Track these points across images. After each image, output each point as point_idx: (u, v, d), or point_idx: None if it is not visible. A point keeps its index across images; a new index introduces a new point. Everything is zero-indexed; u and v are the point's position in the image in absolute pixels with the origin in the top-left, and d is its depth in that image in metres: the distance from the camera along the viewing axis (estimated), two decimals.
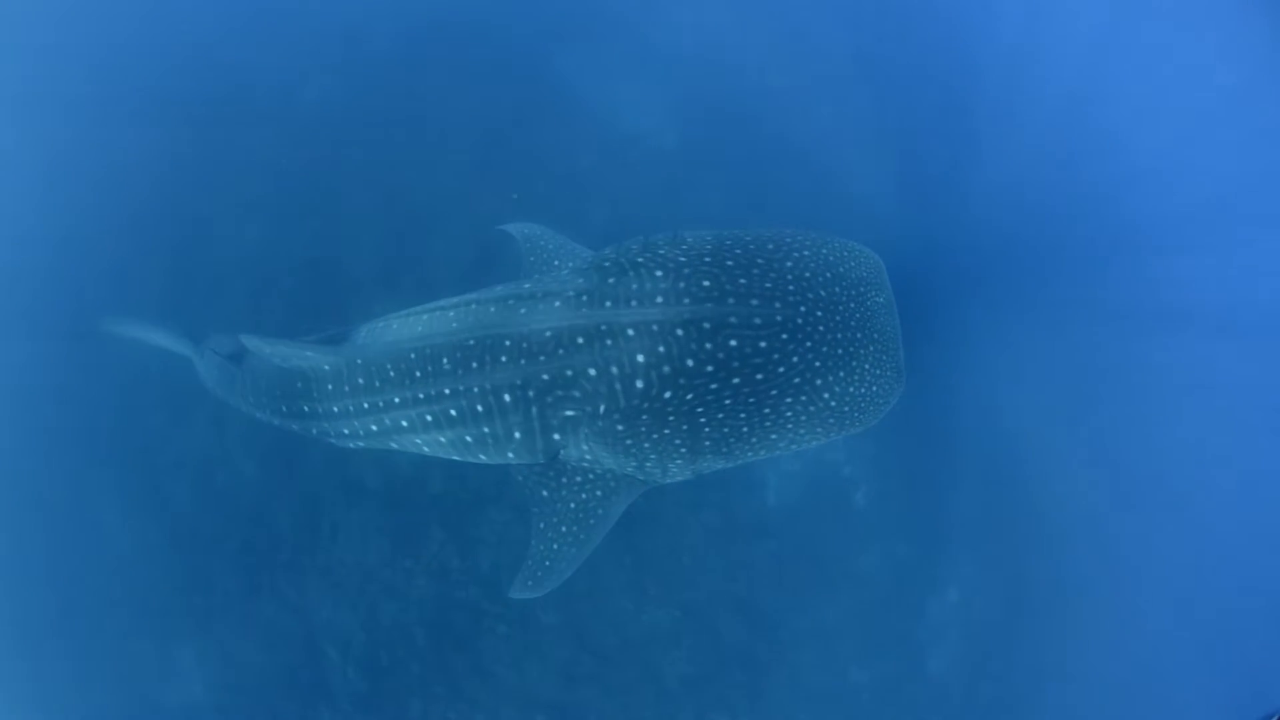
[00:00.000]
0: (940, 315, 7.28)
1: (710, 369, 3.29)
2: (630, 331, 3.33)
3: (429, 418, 3.77)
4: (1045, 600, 7.76)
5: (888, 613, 7.10)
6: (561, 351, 3.40)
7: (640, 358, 3.32)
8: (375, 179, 6.90)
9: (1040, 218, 7.54)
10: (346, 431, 4.20)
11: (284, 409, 4.42)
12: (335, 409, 4.09)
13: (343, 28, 7.18)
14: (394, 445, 4.16)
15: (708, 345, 3.28)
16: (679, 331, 3.29)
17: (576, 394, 3.43)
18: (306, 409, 4.26)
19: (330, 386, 4.04)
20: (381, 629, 6.34)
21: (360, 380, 3.90)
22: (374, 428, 4.03)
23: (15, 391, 7.15)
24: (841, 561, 6.88)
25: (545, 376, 3.44)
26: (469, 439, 3.77)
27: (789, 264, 3.49)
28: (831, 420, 3.51)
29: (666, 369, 3.31)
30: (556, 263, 4.34)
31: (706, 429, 3.41)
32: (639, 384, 3.34)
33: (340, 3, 7.51)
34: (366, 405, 3.94)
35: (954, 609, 7.42)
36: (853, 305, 3.52)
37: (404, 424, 3.88)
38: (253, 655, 6.63)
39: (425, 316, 3.81)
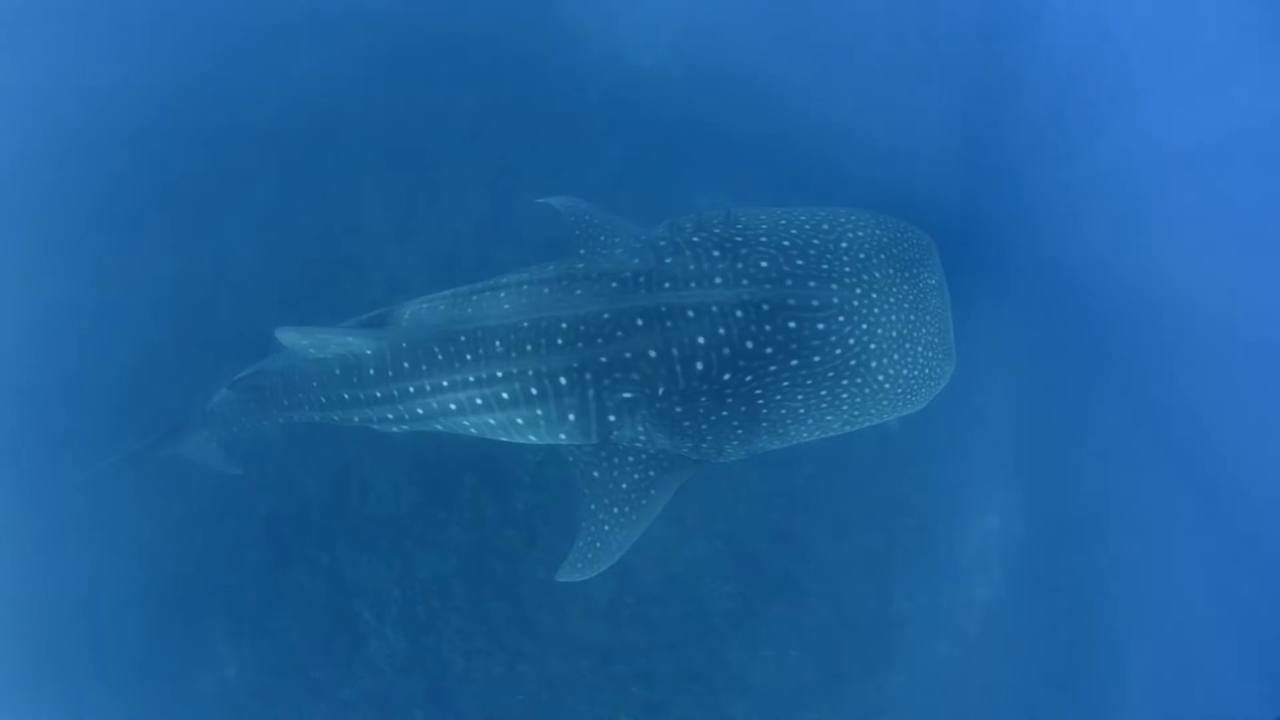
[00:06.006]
0: (972, 244, 7.24)
1: (769, 351, 3.32)
2: (690, 313, 3.34)
3: (479, 401, 3.73)
4: (1088, 527, 7.66)
5: (930, 539, 7.00)
6: (620, 334, 3.39)
7: (700, 340, 3.33)
8: (379, 136, 6.88)
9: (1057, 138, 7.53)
10: (390, 416, 4.13)
11: (324, 400, 4.33)
12: (379, 394, 4.02)
13: None
14: (439, 428, 4.11)
15: (767, 327, 3.30)
16: (739, 313, 3.31)
17: (635, 376, 3.43)
18: (348, 396, 4.17)
19: (373, 371, 3.96)
20: (417, 584, 6.20)
21: (405, 364, 3.84)
22: (420, 411, 3.97)
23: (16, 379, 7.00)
24: (879, 487, 6.78)
25: (603, 359, 3.43)
26: (520, 421, 3.74)
27: (844, 245, 3.52)
28: (885, 402, 3.51)
29: (726, 351, 3.33)
30: (603, 238, 4.31)
31: (764, 410, 3.42)
32: (699, 366, 3.36)
33: None
34: (412, 389, 3.88)
35: (995, 536, 7.31)
36: (906, 287, 3.54)
37: (452, 407, 3.84)
38: (286, 628, 6.48)
39: (474, 298, 3.76)
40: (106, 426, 6.68)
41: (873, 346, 3.40)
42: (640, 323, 3.38)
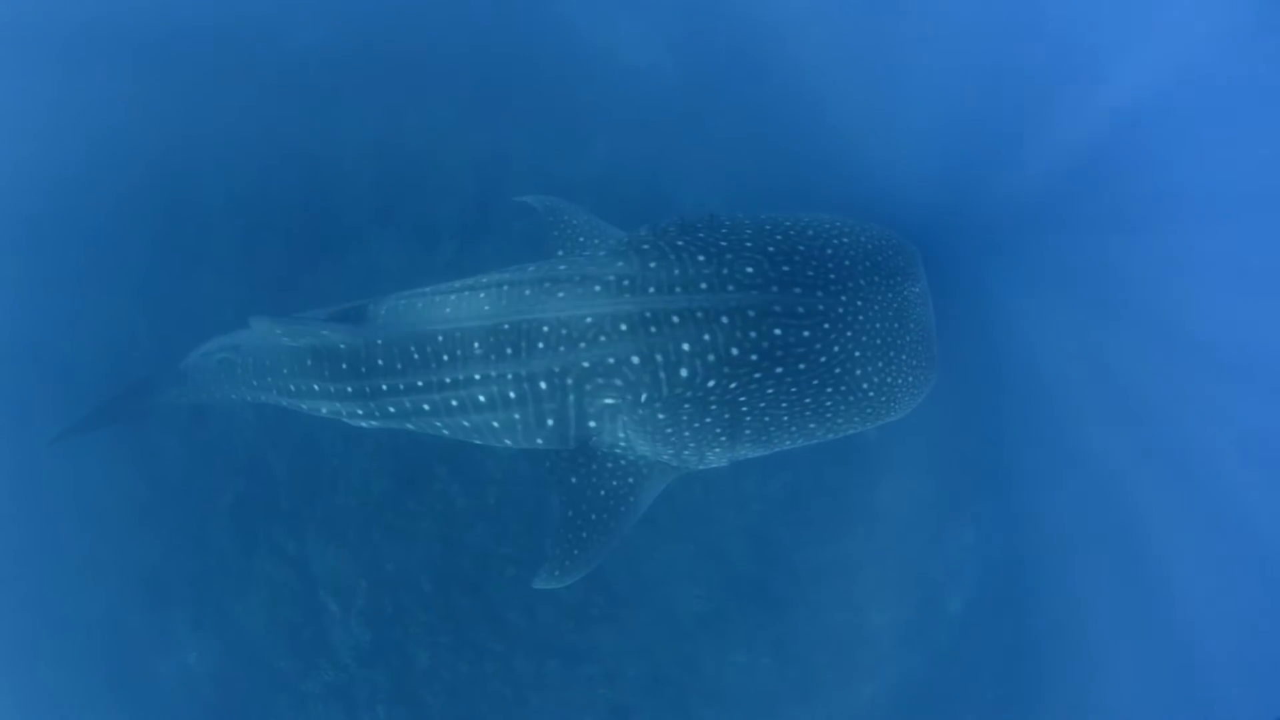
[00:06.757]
0: (954, 250, 7.21)
1: (754, 358, 3.25)
2: (675, 319, 3.26)
3: (454, 402, 3.64)
4: (1061, 543, 7.63)
5: (905, 550, 6.96)
6: (603, 339, 3.31)
7: (685, 346, 3.25)
8: (367, 120, 6.79)
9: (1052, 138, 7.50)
10: (360, 412, 4.02)
11: (293, 388, 4.23)
12: (350, 389, 3.90)
13: None
14: (411, 427, 4.01)
15: (752, 334, 3.23)
16: (724, 319, 3.24)
17: (618, 382, 3.35)
18: (318, 388, 4.06)
19: (345, 366, 3.85)
20: (385, 576, 6.10)
21: (380, 361, 3.73)
22: (391, 409, 3.87)
23: None
24: (855, 495, 6.73)
25: (585, 364, 3.35)
26: (496, 424, 3.65)
27: (829, 251, 3.47)
28: (869, 410, 3.49)
29: (711, 357, 3.25)
30: (582, 239, 4.25)
31: (748, 418, 3.36)
32: (683, 372, 3.28)
33: None
34: (385, 387, 3.78)
35: (970, 549, 7.28)
36: (890, 295, 3.51)
37: (425, 408, 3.74)
38: (251, 616, 6.38)
39: (453, 297, 3.65)
40: (83, 403, 6.53)
41: (857, 354, 3.36)
42: (624, 328, 3.29)
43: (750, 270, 3.30)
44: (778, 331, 3.24)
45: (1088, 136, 7.70)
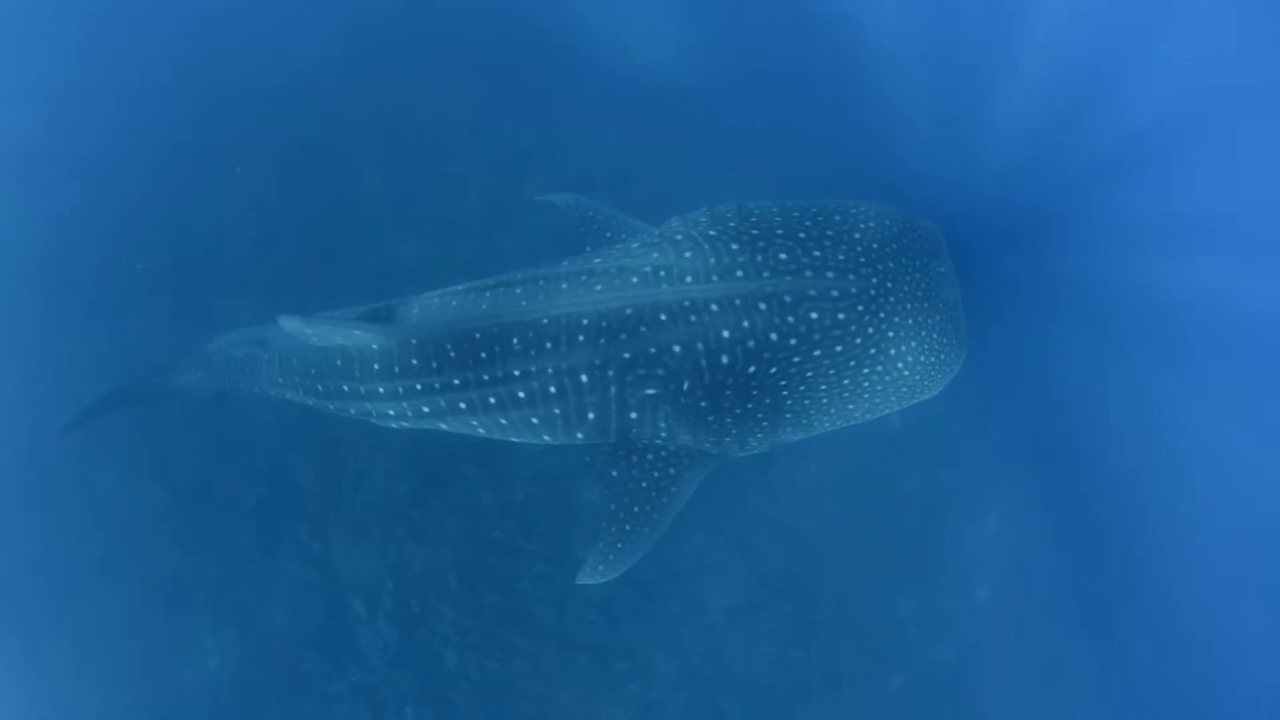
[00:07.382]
0: (975, 246, 7.15)
1: (793, 342, 3.32)
2: (714, 307, 3.31)
3: (492, 400, 3.62)
4: (1086, 531, 7.60)
5: (930, 539, 6.92)
6: (644, 329, 3.34)
7: (725, 333, 3.31)
8: (381, 118, 6.73)
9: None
10: (393, 412, 3.98)
11: (320, 388, 4.18)
12: (382, 389, 3.84)
13: None
14: (444, 427, 3.98)
15: (790, 319, 3.30)
16: (762, 305, 3.30)
17: (660, 372, 3.38)
18: (347, 388, 4.00)
19: (377, 366, 3.79)
20: (411, 576, 6.05)
21: (414, 361, 3.68)
22: (426, 409, 3.83)
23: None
24: (881, 485, 6.70)
25: (627, 355, 3.37)
26: (535, 420, 3.64)
27: (857, 235, 3.54)
28: (905, 389, 3.57)
29: (751, 343, 3.31)
30: (609, 235, 4.27)
31: (788, 402, 3.43)
32: (724, 359, 3.33)
33: None
34: (420, 387, 3.73)
35: (994, 537, 7.25)
36: (918, 275, 3.58)
37: (462, 406, 3.72)
38: (274, 619, 6.31)
39: (489, 294, 3.63)
40: None
41: (890, 335, 3.42)
42: (664, 318, 3.32)
43: (784, 257, 3.36)
44: (814, 315, 3.30)
45: (1117, 121, 7.64)
